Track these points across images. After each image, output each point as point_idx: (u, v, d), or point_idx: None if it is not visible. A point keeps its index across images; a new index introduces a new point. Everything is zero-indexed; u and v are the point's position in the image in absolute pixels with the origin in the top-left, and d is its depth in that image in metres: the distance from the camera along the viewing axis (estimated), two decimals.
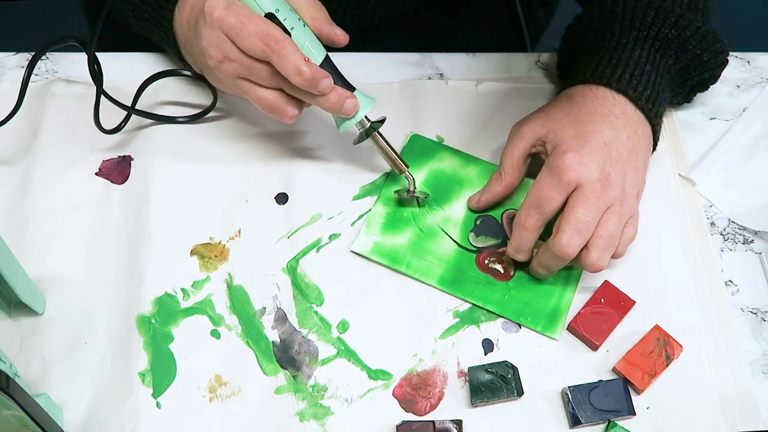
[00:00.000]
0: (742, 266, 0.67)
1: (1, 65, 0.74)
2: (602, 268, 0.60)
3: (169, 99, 0.73)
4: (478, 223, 0.67)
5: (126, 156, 0.69)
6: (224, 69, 0.60)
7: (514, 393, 0.58)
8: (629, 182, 0.62)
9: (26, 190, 0.67)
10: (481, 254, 0.66)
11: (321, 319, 0.62)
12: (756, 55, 0.79)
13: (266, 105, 0.61)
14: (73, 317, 0.61)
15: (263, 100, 0.61)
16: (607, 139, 0.61)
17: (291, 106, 0.61)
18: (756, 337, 0.63)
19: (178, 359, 0.60)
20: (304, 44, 0.59)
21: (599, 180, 0.59)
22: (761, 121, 0.75)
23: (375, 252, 0.65)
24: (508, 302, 0.63)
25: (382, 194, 0.68)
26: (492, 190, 0.67)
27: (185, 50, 0.68)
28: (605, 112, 0.63)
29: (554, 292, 0.64)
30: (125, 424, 0.57)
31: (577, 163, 0.59)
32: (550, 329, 0.62)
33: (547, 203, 0.60)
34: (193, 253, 0.65)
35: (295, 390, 0.59)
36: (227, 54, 0.59)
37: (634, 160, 0.63)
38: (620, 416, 0.58)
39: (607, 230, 0.60)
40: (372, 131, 0.64)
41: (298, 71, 0.58)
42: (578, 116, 0.63)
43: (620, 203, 0.60)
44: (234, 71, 0.60)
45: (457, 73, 0.76)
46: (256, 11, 0.58)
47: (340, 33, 0.62)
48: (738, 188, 0.70)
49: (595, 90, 0.65)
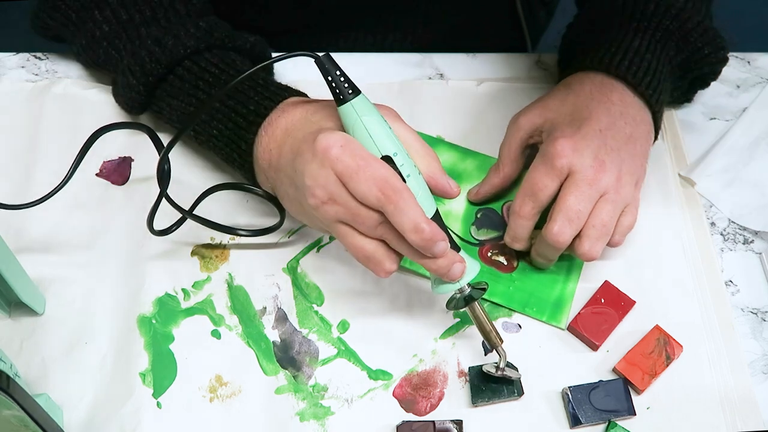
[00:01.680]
0: (742, 266, 0.67)
1: (1, 65, 0.74)
2: (595, 257, 0.60)
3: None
4: (479, 216, 0.67)
5: (126, 157, 0.69)
6: (325, 210, 0.53)
7: (515, 393, 0.58)
8: (626, 170, 0.61)
9: (27, 190, 0.67)
10: (484, 247, 0.66)
11: (321, 319, 0.62)
12: (756, 55, 0.79)
13: (363, 255, 0.54)
14: (73, 317, 0.61)
15: (361, 250, 0.54)
16: (603, 126, 0.61)
17: (390, 261, 0.54)
18: (756, 337, 0.63)
19: (179, 359, 0.60)
20: (419, 194, 0.53)
21: (592, 167, 0.59)
22: (761, 121, 0.75)
23: None
24: (512, 293, 0.63)
25: None
26: (491, 182, 0.67)
27: (265, 175, 0.60)
28: (602, 99, 0.62)
29: (557, 282, 0.64)
30: (125, 424, 0.57)
31: (570, 150, 0.59)
32: (555, 318, 0.62)
33: (540, 191, 0.60)
34: (194, 253, 0.65)
35: (296, 390, 0.59)
36: (333, 196, 0.52)
37: (632, 148, 0.62)
38: (620, 416, 0.58)
39: (600, 219, 0.59)
40: (471, 300, 0.57)
41: (417, 229, 0.51)
42: (575, 103, 0.63)
43: (615, 191, 0.60)
44: (336, 215, 0.53)
45: (457, 73, 0.76)
46: (373, 152, 0.52)
47: (454, 185, 0.57)
48: (738, 188, 0.70)
49: (593, 77, 0.64)
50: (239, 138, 0.60)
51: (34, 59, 0.75)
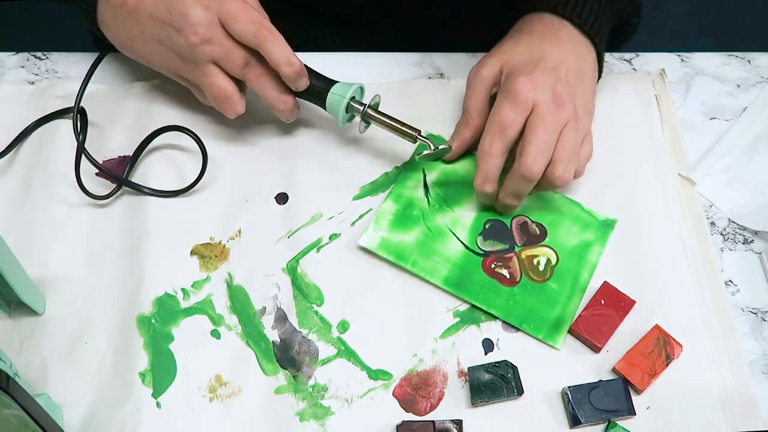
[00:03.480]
0: (742, 266, 0.67)
1: (1, 65, 0.74)
2: (569, 181, 0.63)
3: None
4: (488, 227, 0.67)
5: (126, 156, 0.69)
6: (202, 50, 0.61)
7: (515, 392, 0.58)
8: (580, 102, 0.64)
9: (27, 190, 0.67)
10: (489, 258, 0.65)
11: (321, 319, 0.62)
12: (756, 55, 0.79)
13: (222, 94, 0.63)
14: (73, 317, 0.61)
15: (222, 89, 0.63)
16: (555, 63, 0.64)
17: (241, 103, 0.65)
18: (756, 337, 0.63)
19: (178, 359, 0.60)
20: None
21: (553, 100, 0.62)
22: (761, 121, 0.75)
23: (382, 248, 0.65)
24: (512, 308, 0.63)
25: (393, 191, 0.68)
26: (462, 137, 0.68)
27: (111, 14, 0.65)
28: (553, 38, 0.66)
29: (559, 301, 0.63)
30: (125, 424, 0.57)
31: (531, 86, 0.62)
32: (552, 338, 0.62)
33: (509, 126, 0.62)
34: (193, 253, 0.65)
35: (295, 390, 0.59)
36: (212, 36, 0.60)
37: (582, 83, 0.66)
38: (620, 416, 0.58)
39: (569, 144, 0.62)
40: (368, 111, 0.66)
41: (290, 62, 0.62)
42: (529, 43, 0.66)
43: (575, 121, 0.63)
44: (211, 53, 0.61)
45: (457, 73, 0.76)
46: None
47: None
48: (738, 188, 0.70)
49: (541, 17, 0.68)
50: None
51: (34, 59, 0.75)
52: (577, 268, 0.65)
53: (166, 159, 0.69)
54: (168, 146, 0.70)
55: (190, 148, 0.69)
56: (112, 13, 0.65)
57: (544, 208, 0.68)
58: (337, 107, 0.66)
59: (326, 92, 0.66)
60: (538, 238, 0.66)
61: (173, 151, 0.70)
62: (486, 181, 0.64)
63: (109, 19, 0.66)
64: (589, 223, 0.67)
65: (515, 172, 0.62)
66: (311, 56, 0.69)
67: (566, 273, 0.65)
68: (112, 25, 0.66)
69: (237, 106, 0.64)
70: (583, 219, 0.67)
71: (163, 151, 0.70)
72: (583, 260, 0.65)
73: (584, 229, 0.67)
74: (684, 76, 0.78)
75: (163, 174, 0.68)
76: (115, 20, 0.65)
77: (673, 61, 0.78)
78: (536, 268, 0.65)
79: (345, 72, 0.69)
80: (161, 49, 0.64)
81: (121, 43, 0.67)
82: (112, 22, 0.66)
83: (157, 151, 0.70)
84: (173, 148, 0.70)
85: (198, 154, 0.67)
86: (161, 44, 0.64)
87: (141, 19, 0.63)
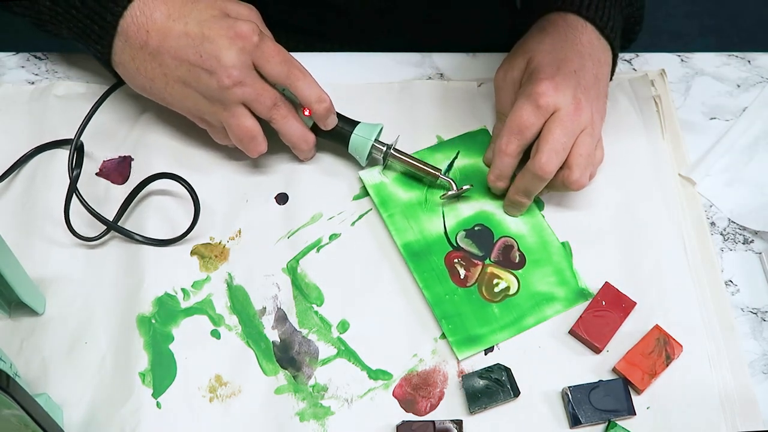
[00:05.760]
0: (742, 266, 0.67)
1: (1, 65, 0.74)
2: (584, 186, 0.63)
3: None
4: (476, 229, 0.67)
5: (126, 156, 0.69)
6: (233, 92, 0.61)
7: (511, 395, 0.58)
8: (596, 108, 0.65)
9: (27, 191, 0.67)
10: (457, 253, 0.65)
11: (321, 319, 0.62)
12: (756, 55, 0.79)
13: (248, 134, 0.63)
14: (73, 317, 0.61)
15: (248, 129, 0.63)
16: (576, 67, 0.64)
17: (264, 142, 0.65)
18: (756, 337, 0.63)
19: (179, 359, 0.60)
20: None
21: (572, 105, 0.62)
22: (761, 121, 0.75)
23: (375, 188, 0.67)
24: (445, 301, 0.63)
25: (422, 152, 0.70)
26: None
27: (131, 54, 0.63)
28: (574, 41, 0.66)
29: (491, 325, 0.62)
30: (125, 424, 0.57)
31: (553, 90, 0.62)
32: (460, 348, 0.61)
33: (527, 128, 0.62)
34: (194, 253, 0.65)
35: (296, 390, 0.59)
36: (245, 78, 0.61)
37: (597, 88, 0.66)
38: (620, 416, 0.58)
39: (585, 150, 0.63)
40: (389, 153, 0.66)
41: (321, 99, 0.63)
42: (552, 43, 0.66)
43: (591, 127, 0.63)
44: (242, 95, 0.61)
45: (457, 73, 0.76)
46: None
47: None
48: (738, 188, 0.70)
49: (564, 17, 0.68)
50: (105, 9, 0.61)
51: (34, 59, 0.75)
52: (527, 310, 0.63)
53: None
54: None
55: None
56: (130, 54, 0.63)
57: (538, 245, 0.66)
58: (362, 149, 0.67)
59: (350, 133, 0.66)
60: (513, 265, 0.65)
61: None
62: (499, 178, 0.66)
63: (126, 60, 0.63)
64: (567, 283, 0.64)
65: (528, 170, 0.63)
66: (312, 56, 0.69)
67: (515, 308, 0.63)
68: (130, 66, 0.63)
69: (261, 146, 0.65)
70: (565, 276, 0.65)
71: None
72: (538, 307, 0.63)
73: (560, 284, 0.64)
74: (684, 77, 0.78)
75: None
76: (134, 62, 0.63)
77: (673, 61, 0.79)
78: (492, 287, 0.64)
79: (345, 72, 0.69)
80: (186, 91, 0.63)
81: (140, 85, 0.65)
82: (130, 63, 0.63)
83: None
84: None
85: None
86: (187, 86, 0.62)
87: (165, 62, 0.61)
